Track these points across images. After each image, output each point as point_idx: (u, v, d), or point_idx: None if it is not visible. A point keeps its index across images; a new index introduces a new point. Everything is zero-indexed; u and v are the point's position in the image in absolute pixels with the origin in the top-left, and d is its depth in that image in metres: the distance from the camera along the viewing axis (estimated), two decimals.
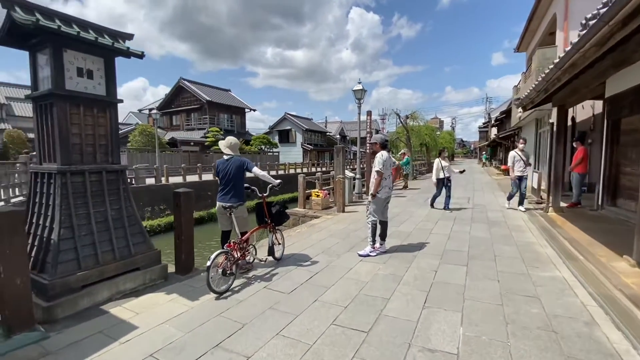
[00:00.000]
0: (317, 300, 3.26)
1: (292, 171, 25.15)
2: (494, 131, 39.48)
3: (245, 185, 4.19)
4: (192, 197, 4.01)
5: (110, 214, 3.44)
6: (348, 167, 23.92)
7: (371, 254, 4.65)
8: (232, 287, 3.54)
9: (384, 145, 4.71)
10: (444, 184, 8.15)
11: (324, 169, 30.29)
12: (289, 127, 40.03)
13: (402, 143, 19.80)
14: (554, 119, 7.45)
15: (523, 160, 7.65)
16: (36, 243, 3.14)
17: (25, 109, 28.12)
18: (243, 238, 3.85)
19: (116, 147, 3.59)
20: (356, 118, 10.56)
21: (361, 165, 11.08)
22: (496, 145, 34.65)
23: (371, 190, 4.64)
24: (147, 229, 3.11)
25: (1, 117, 26.08)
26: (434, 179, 8.28)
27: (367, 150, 11.42)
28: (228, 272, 3.44)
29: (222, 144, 4.05)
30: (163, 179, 16.18)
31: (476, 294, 3.36)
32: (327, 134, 45.35)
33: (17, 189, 9.17)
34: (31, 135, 26.56)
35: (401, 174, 13.72)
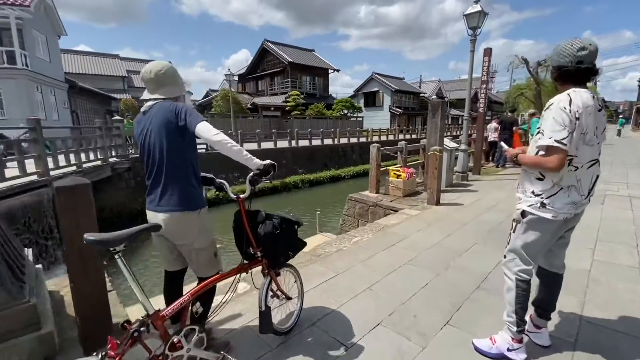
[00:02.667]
0: None
1: (375, 138, 22.05)
2: None
3: (204, 174, 1.85)
4: (90, 196, 1.86)
5: None
6: (447, 135, 19.54)
7: (510, 355, 1.86)
8: None
9: (583, 72, 1.64)
10: None
11: (414, 136, 26.04)
12: (376, 89, 35.84)
13: (527, 101, 14.56)
14: None
15: None
16: None
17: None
18: (183, 300, 1.56)
19: None
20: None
21: (469, 132, 7.57)
22: None
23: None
24: (219, 199, 0.96)
25: (123, 88, 29.72)
26: None
27: (480, 109, 7.72)
28: None
29: (141, 77, 1.69)
30: (238, 145, 15.52)
31: None
32: (421, 95, 39.28)
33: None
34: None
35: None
